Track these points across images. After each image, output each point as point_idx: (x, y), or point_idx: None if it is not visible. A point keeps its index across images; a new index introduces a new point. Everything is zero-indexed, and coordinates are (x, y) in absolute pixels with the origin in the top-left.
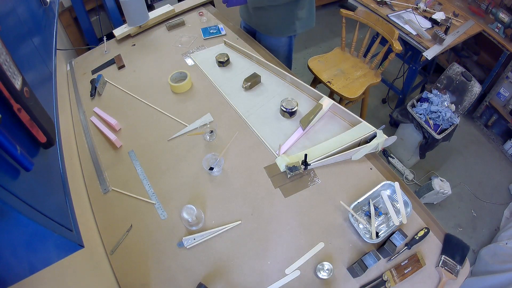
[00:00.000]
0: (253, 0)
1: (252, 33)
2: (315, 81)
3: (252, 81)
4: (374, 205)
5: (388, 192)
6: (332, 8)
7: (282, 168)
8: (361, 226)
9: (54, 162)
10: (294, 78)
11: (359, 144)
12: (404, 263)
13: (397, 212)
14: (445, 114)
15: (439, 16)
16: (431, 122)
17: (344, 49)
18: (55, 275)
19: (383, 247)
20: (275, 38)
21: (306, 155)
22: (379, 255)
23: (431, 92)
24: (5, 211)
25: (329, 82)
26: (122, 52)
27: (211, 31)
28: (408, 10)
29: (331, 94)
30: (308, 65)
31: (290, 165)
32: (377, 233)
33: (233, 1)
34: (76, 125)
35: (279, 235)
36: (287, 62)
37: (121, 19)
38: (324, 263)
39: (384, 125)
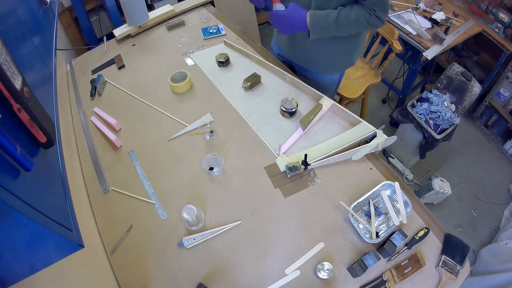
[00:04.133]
0: (317, 29)
1: (289, 63)
2: None
3: (252, 81)
4: (374, 205)
5: (388, 192)
6: None
7: (282, 168)
8: (361, 226)
9: (54, 162)
10: (294, 78)
11: (359, 144)
12: (404, 263)
13: (397, 212)
14: (445, 114)
15: (439, 16)
16: (431, 122)
17: None
18: (55, 275)
19: (383, 247)
20: (329, 74)
21: (306, 155)
22: (379, 255)
23: (431, 92)
24: (5, 211)
25: None
26: (122, 52)
27: (211, 31)
28: (408, 10)
29: None
30: None
31: (290, 165)
32: (377, 233)
33: (285, 29)
34: (76, 125)
35: (279, 235)
36: (334, 94)
37: (121, 19)
38: (324, 263)
39: (384, 125)
